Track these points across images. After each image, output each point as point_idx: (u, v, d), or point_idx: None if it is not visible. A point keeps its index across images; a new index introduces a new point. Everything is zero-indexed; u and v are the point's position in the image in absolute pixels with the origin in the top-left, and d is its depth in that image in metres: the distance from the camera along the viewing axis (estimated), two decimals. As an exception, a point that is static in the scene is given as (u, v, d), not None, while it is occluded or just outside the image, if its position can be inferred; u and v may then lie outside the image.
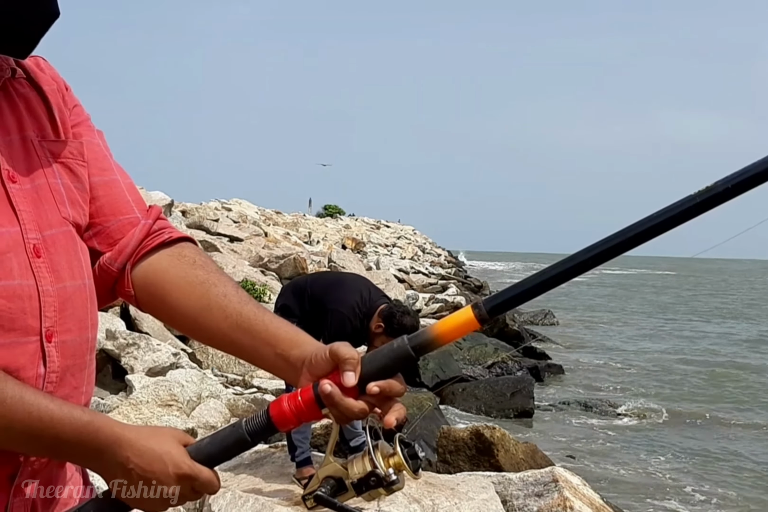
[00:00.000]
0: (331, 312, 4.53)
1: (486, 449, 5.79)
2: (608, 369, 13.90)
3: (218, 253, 12.49)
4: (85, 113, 1.25)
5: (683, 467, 7.91)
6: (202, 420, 5.48)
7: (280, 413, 1.03)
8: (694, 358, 15.51)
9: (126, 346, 6.27)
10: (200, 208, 18.83)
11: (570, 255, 0.96)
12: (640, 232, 0.92)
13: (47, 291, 1.05)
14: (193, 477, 1.01)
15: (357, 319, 4.55)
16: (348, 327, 4.51)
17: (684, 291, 46.45)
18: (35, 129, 1.12)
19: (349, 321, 4.53)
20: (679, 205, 0.90)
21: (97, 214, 1.19)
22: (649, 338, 19.21)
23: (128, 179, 1.26)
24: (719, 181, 0.89)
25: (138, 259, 1.21)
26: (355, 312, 4.55)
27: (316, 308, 4.59)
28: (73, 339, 1.09)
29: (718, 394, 11.76)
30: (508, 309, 1.00)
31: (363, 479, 1.01)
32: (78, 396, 1.11)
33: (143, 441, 1.01)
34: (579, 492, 4.60)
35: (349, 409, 1.01)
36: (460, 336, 1.01)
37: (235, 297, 1.17)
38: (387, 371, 1.02)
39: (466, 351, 11.48)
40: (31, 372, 1.02)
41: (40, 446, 0.99)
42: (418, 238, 48.35)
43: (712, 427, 9.63)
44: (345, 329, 4.49)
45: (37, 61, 1.19)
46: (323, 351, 1.06)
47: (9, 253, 1.02)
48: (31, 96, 1.14)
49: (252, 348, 1.15)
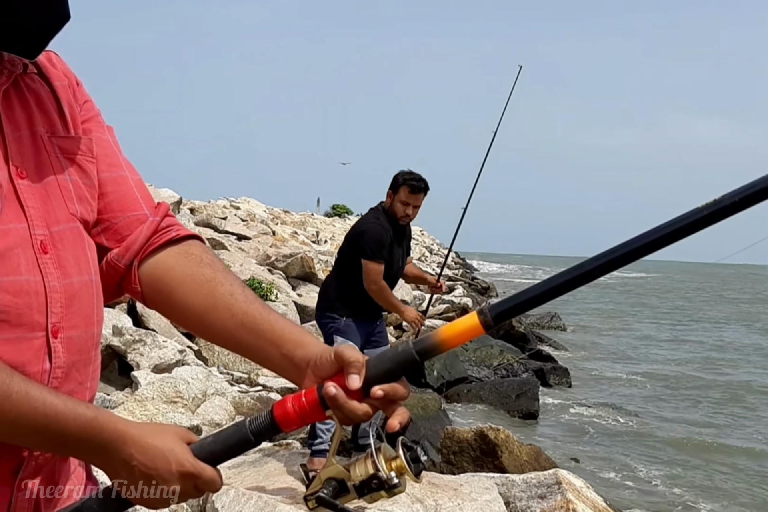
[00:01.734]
0: (361, 234, 4.69)
1: (490, 450, 5.79)
2: (615, 374, 13.84)
3: (226, 250, 12.51)
4: (96, 109, 1.25)
5: (688, 476, 7.86)
6: (207, 418, 5.49)
7: (284, 413, 1.03)
8: (709, 367, 15.36)
9: (132, 343, 6.28)
10: (208, 206, 18.83)
11: (576, 264, 0.97)
12: (647, 243, 0.93)
13: (54, 287, 1.06)
14: (195, 475, 1.02)
15: (383, 220, 4.69)
16: (383, 233, 4.64)
17: (704, 295, 45.85)
18: (45, 125, 1.13)
19: (379, 226, 4.67)
20: (687, 217, 0.91)
21: (106, 210, 1.20)
22: (662, 344, 19.05)
23: (137, 176, 1.26)
24: (727, 195, 0.89)
25: (145, 256, 1.21)
26: (377, 217, 4.71)
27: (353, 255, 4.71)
28: (79, 335, 1.09)
29: (730, 406, 11.63)
30: (513, 316, 1.01)
31: (365, 481, 1.01)
32: (83, 392, 1.11)
33: (147, 438, 1.01)
34: (582, 495, 4.59)
35: (353, 412, 1.02)
36: (465, 342, 1.02)
37: (242, 296, 1.17)
38: (391, 375, 1.03)
39: (472, 352, 11.46)
40: (37, 368, 1.03)
41: (45, 441, 0.99)
42: (425, 239, 48.33)
43: (722, 439, 9.56)
44: (382, 237, 4.63)
45: (50, 56, 1.19)
46: (328, 353, 1.06)
47: (16, 249, 1.02)
48: (42, 91, 1.15)
49: (257, 347, 1.15)
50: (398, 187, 4.68)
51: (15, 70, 1.10)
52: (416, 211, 4.75)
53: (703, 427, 10.03)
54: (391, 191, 4.73)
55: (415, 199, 4.69)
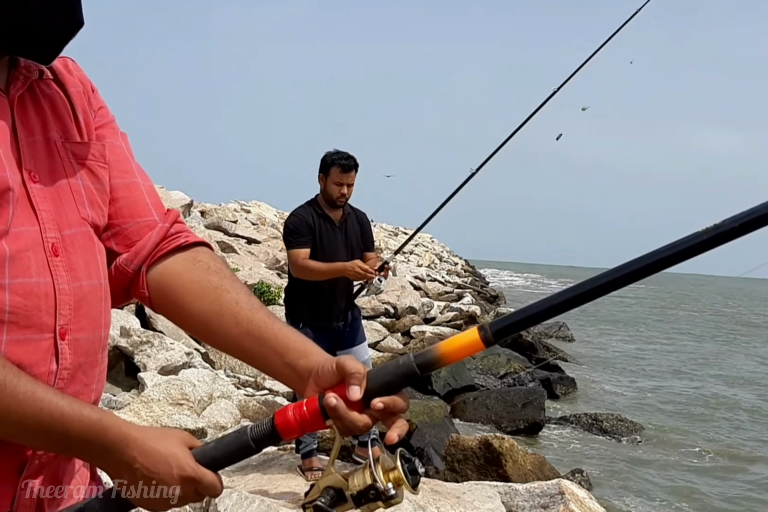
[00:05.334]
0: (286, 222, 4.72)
1: (494, 459, 5.78)
2: (622, 385, 13.78)
3: (235, 254, 12.55)
4: (110, 115, 1.27)
5: (693, 490, 7.82)
6: (212, 420, 5.50)
7: (285, 422, 1.05)
8: (718, 383, 15.24)
9: (140, 344, 6.30)
10: (219, 209, 18.88)
11: (577, 283, 0.99)
12: (647, 265, 0.95)
13: (63, 289, 1.07)
14: (196, 480, 1.03)
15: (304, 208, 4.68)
16: (297, 221, 4.62)
17: (726, 310, 45.28)
18: (59, 130, 1.14)
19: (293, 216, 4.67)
20: (686, 240, 0.93)
21: (116, 215, 1.21)
22: (670, 357, 18.93)
23: (149, 182, 1.28)
24: (727, 220, 0.91)
25: (154, 262, 1.22)
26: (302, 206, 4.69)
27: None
28: (86, 337, 1.11)
29: (741, 420, 11.53)
30: (513, 332, 1.02)
31: (362, 491, 1.02)
32: (88, 394, 1.12)
33: (150, 442, 1.02)
34: (585, 506, 4.58)
35: (353, 423, 1.03)
36: (465, 357, 1.04)
37: (247, 305, 1.19)
38: (391, 387, 1.04)
39: (479, 360, 11.46)
40: (44, 369, 1.04)
41: (49, 441, 1.00)
42: (435, 246, 48.30)
43: (730, 452, 9.49)
44: (296, 225, 4.60)
45: (66, 62, 1.21)
46: (330, 363, 1.08)
47: (27, 252, 1.03)
48: (57, 97, 1.17)
49: (261, 355, 1.17)
50: (329, 169, 4.62)
51: (31, 76, 1.12)
52: (351, 189, 4.67)
53: (710, 441, 9.98)
54: (322, 174, 4.66)
55: (347, 177, 4.62)
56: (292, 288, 4.78)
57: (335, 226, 4.68)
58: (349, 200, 4.72)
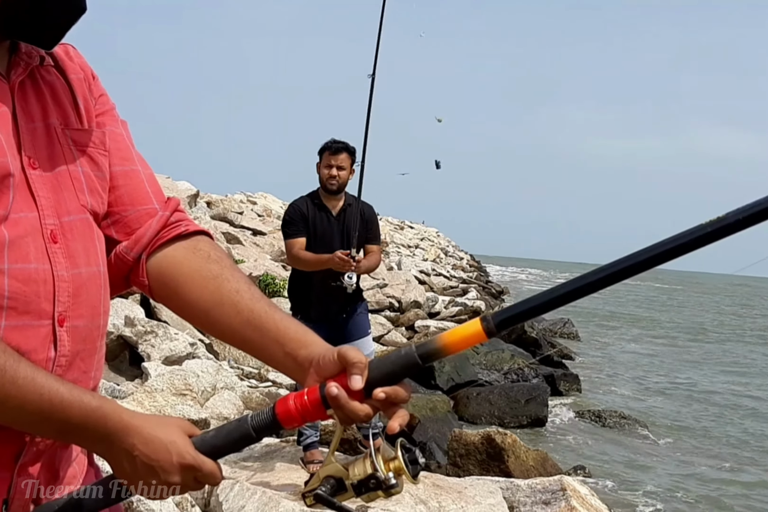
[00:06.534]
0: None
1: (496, 454, 5.79)
2: (626, 382, 13.77)
3: (240, 245, 12.54)
4: (111, 103, 1.26)
5: (696, 487, 7.82)
6: (215, 411, 5.51)
7: (286, 411, 1.04)
8: (722, 379, 15.23)
9: (144, 334, 6.31)
10: (225, 200, 18.87)
11: (579, 275, 0.99)
12: (650, 257, 0.95)
13: (62, 276, 1.07)
14: (195, 468, 1.03)
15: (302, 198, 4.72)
16: (290, 211, 4.72)
17: (730, 308, 45.04)
18: (59, 117, 1.14)
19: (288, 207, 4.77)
20: (690, 233, 0.93)
21: (116, 203, 1.21)
22: (674, 355, 18.90)
23: (149, 170, 1.27)
24: (731, 212, 0.91)
25: (153, 250, 1.22)
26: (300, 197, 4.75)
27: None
28: (85, 324, 1.10)
29: (744, 420, 11.47)
30: (516, 323, 1.02)
31: (363, 481, 1.02)
32: (87, 381, 1.12)
33: (150, 430, 1.02)
34: (586, 502, 4.58)
35: (354, 412, 1.02)
36: (467, 348, 1.03)
37: (248, 294, 1.18)
38: (393, 377, 1.04)
39: (483, 355, 11.44)
40: (42, 355, 1.04)
41: (49, 428, 1.00)
42: (441, 240, 48.29)
43: (734, 452, 9.47)
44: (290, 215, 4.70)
45: (67, 49, 1.21)
46: (331, 353, 1.07)
47: (26, 238, 1.03)
48: (58, 84, 1.16)
49: (261, 345, 1.16)
50: (321, 154, 4.70)
51: (32, 62, 1.11)
52: (343, 173, 4.65)
53: (713, 439, 9.97)
54: (317, 162, 4.73)
55: (335, 159, 4.63)
56: (291, 279, 4.90)
57: (331, 215, 4.68)
58: (345, 187, 4.72)
